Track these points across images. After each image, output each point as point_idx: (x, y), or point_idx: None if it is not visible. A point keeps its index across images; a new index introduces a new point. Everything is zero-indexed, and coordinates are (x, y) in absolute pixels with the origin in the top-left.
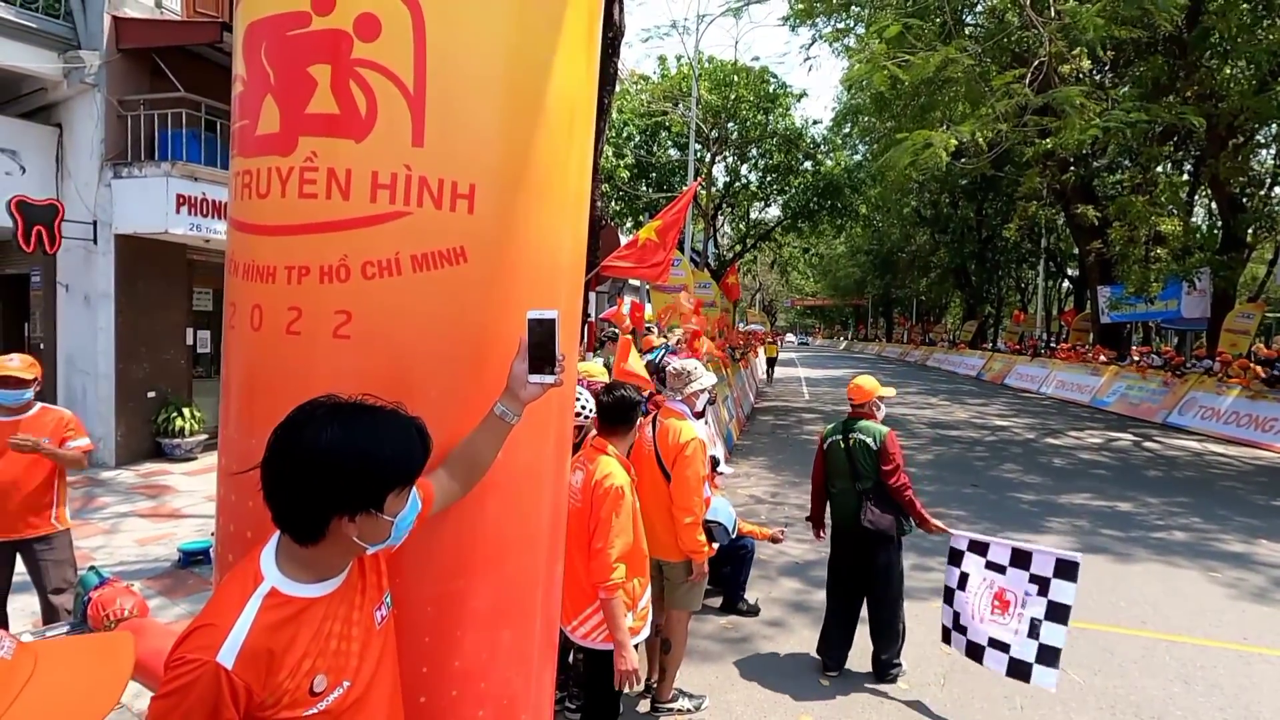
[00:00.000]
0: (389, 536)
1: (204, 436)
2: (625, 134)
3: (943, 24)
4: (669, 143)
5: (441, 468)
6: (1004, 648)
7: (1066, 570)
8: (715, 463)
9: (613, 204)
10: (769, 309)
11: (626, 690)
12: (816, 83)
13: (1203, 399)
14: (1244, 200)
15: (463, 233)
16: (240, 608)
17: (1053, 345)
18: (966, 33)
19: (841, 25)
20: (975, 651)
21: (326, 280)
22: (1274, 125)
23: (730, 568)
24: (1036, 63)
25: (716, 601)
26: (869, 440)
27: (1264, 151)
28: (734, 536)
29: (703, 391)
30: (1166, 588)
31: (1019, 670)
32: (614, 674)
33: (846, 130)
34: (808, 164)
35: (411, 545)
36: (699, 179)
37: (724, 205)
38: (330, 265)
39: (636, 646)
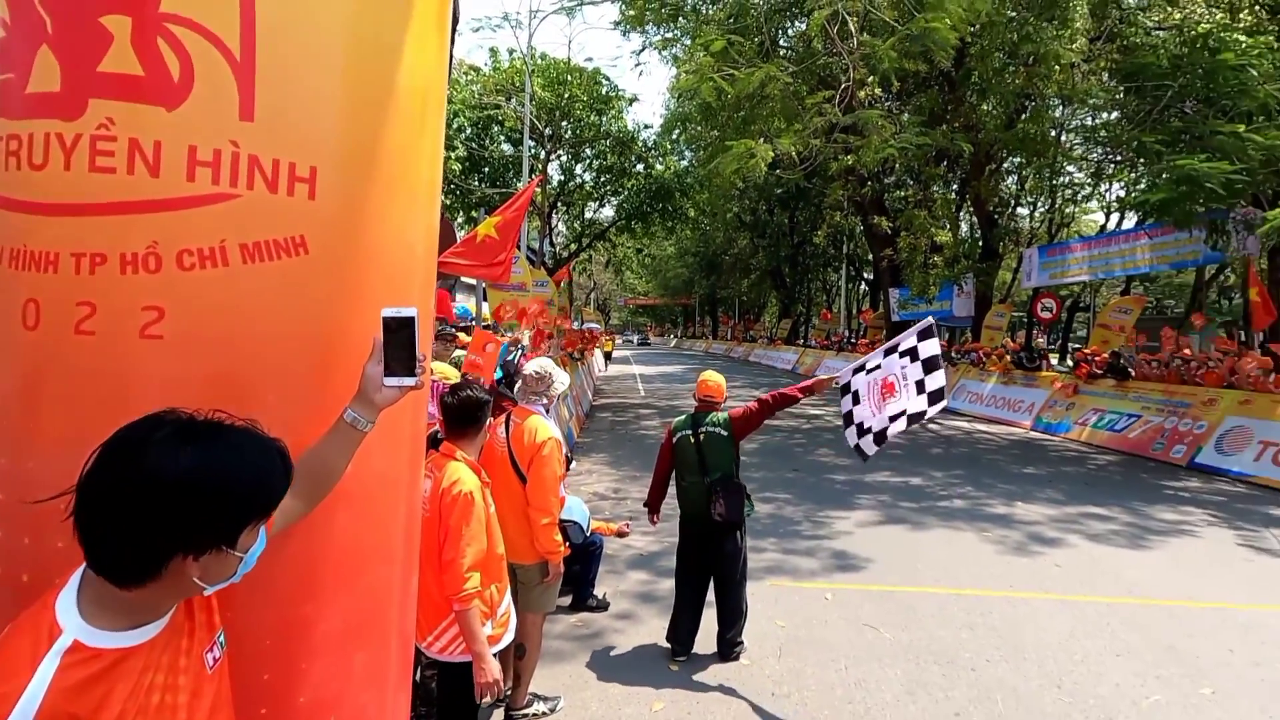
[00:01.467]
0: (233, 574)
1: None
2: (456, 125)
3: (761, 43)
4: (502, 138)
5: None
6: (902, 414)
7: (926, 333)
8: (569, 461)
9: (444, 197)
10: (603, 308)
11: (487, 701)
12: (647, 88)
13: (970, 385)
14: (997, 217)
15: (303, 220)
16: (31, 669)
17: (854, 341)
18: (781, 55)
19: (670, 35)
20: (883, 437)
21: (130, 271)
22: (1018, 156)
23: (580, 565)
24: (843, 86)
25: (566, 600)
26: (720, 430)
27: (1010, 178)
28: (587, 535)
29: (563, 393)
30: (951, 549)
31: (919, 418)
32: (473, 687)
33: (675, 136)
34: (640, 167)
35: (249, 571)
36: (538, 176)
37: (559, 204)
38: (135, 253)
39: (496, 655)
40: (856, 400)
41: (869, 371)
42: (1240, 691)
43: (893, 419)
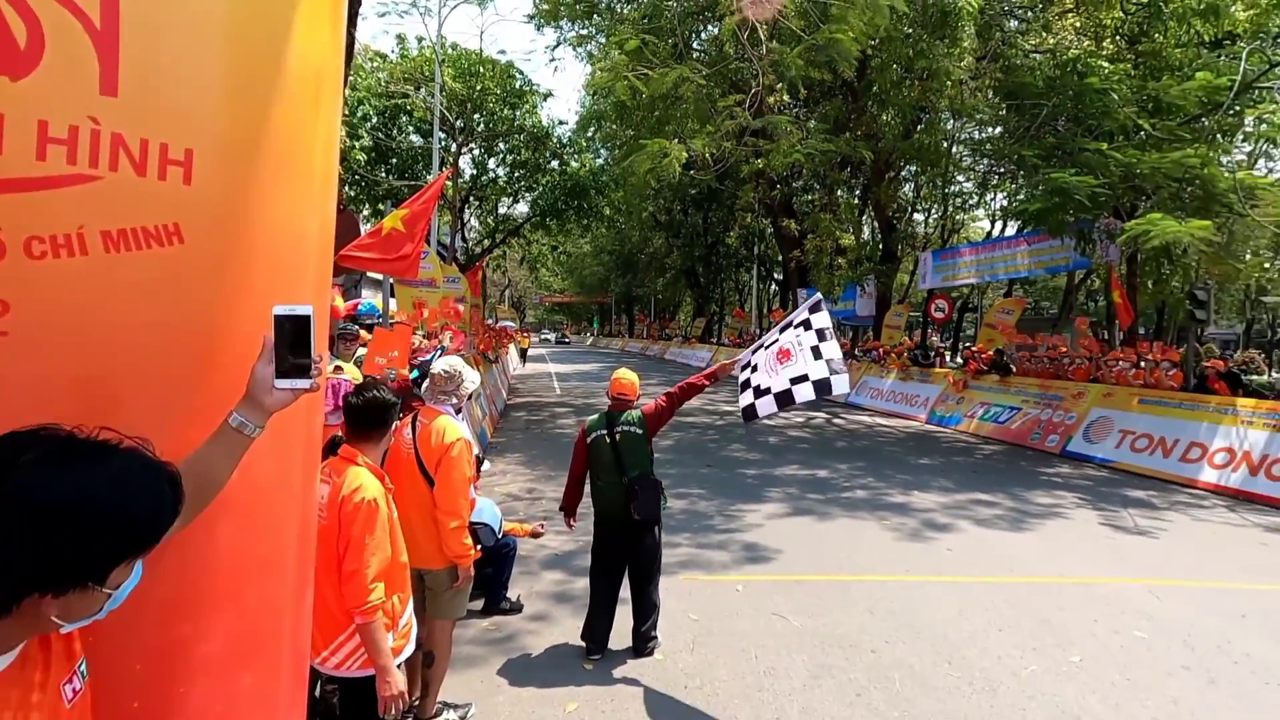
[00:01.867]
0: (98, 611)
1: None
2: (361, 114)
3: (674, 45)
4: (410, 128)
5: None
6: (804, 379)
7: (816, 305)
8: (480, 462)
9: (347, 188)
10: (518, 305)
11: (392, 715)
12: (562, 85)
13: (871, 381)
14: (895, 222)
15: (177, 207)
16: None
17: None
18: (694, 57)
19: (584, 31)
20: (785, 397)
21: None
22: (915, 165)
23: (493, 568)
24: (754, 91)
25: (478, 604)
26: (636, 429)
27: (908, 185)
28: (499, 537)
29: (474, 393)
30: (854, 537)
31: (824, 387)
32: (377, 701)
33: (590, 134)
34: (555, 163)
35: None
36: (447, 169)
37: (471, 198)
38: None
39: (400, 666)
40: (754, 370)
41: (767, 347)
42: (1103, 657)
43: (794, 382)
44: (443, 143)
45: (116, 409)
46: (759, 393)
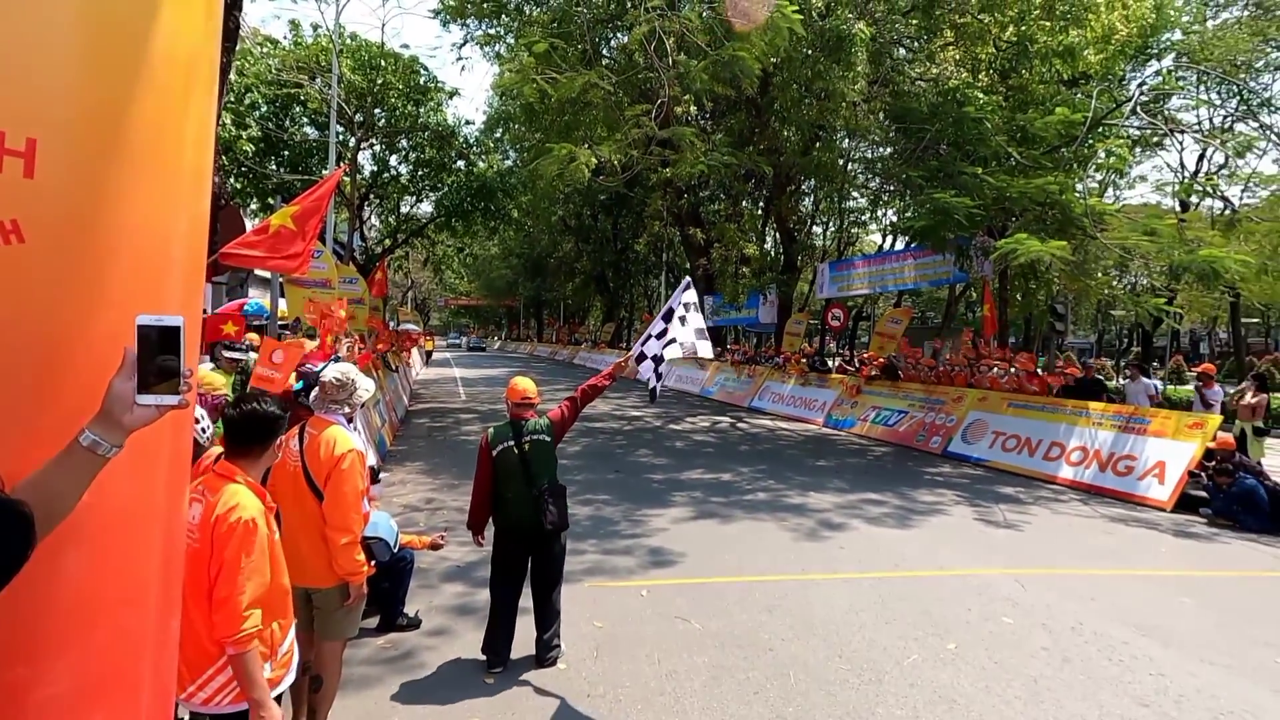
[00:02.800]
0: None
1: None
2: (248, 101)
3: (584, 51)
4: (304, 119)
5: None
6: (673, 341)
7: (685, 289)
8: (375, 473)
9: (233, 181)
10: (422, 308)
11: None
12: (469, 84)
13: (773, 387)
14: (796, 234)
15: (15, 201)
16: None
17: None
18: (604, 64)
19: (492, 31)
20: (659, 360)
21: None
22: (813, 180)
23: (389, 583)
24: (660, 101)
25: (373, 621)
26: (545, 437)
27: (807, 199)
28: (395, 551)
29: (369, 401)
30: (754, 539)
31: (697, 349)
32: None
33: (498, 135)
34: (461, 163)
35: None
36: (344, 164)
37: (371, 196)
38: None
39: (279, 698)
40: (646, 357)
41: (657, 337)
42: (975, 643)
43: (665, 344)
44: (340, 136)
45: None
46: (657, 361)
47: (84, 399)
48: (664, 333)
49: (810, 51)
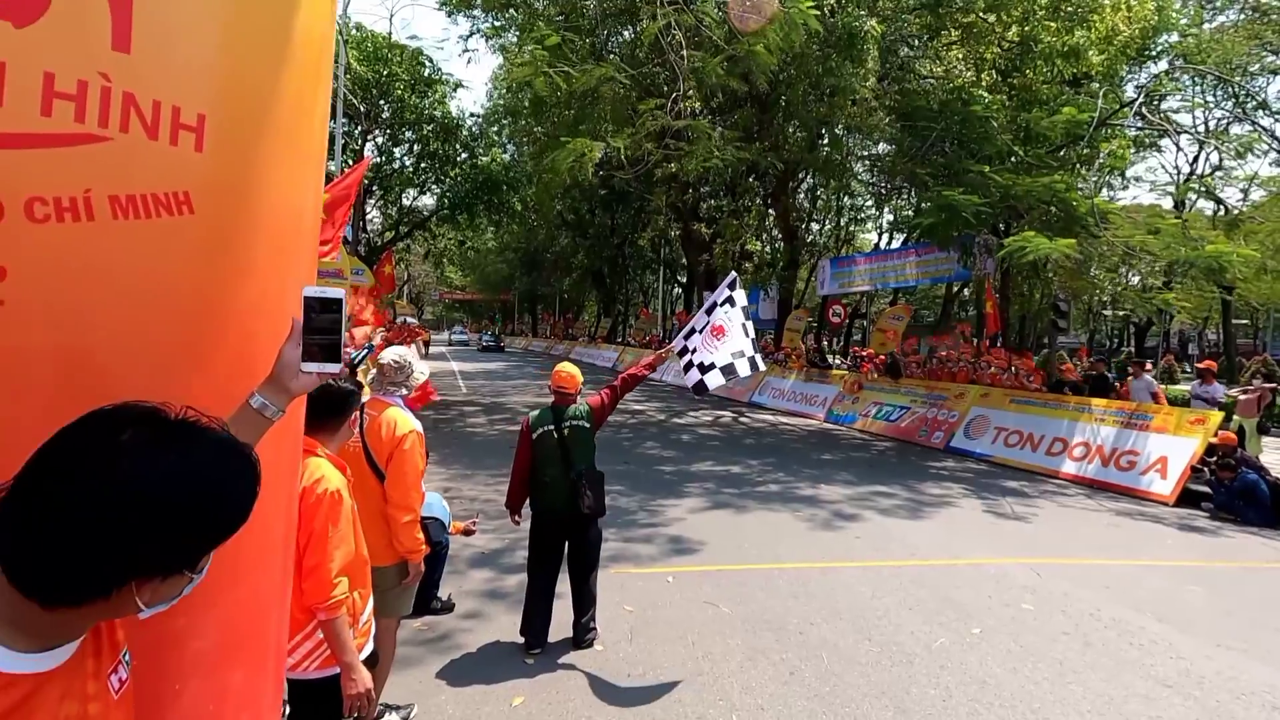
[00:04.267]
0: (175, 597)
1: None
2: None
3: (594, 45)
4: None
5: None
6: (742, 353)
7: (733, 284)
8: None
9: None
10: (417, 301)
11: (357, 715)
12: (475, 77)
13: (774, 382)
14: (796, 230)
15: (188, 174)
16: None
17: (670, 340)
18: (611, 59)
19: (499, 24)
20: (729, 370)
21: None
22: (816, 176)
23: (425, 565)
24: (673, 95)
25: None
26: (584, 423)
27: (802, 195)
28: (449, 531)
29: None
30: (770, 528)
31: (755, 364)
32: (339, 702)
33: (499, 129)
34: (464, 155)
35: None
36: (368, 157)
37: (374, 187)
38: None
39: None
40: (694, 351)
41: (700, 331)
42: (999, 628)
43: (734, 356)
44: (345, 128)
45: (105, 385)
46: (704, 369)
47: (233, 364)
48: (706, 326)
49: (821, 48)
